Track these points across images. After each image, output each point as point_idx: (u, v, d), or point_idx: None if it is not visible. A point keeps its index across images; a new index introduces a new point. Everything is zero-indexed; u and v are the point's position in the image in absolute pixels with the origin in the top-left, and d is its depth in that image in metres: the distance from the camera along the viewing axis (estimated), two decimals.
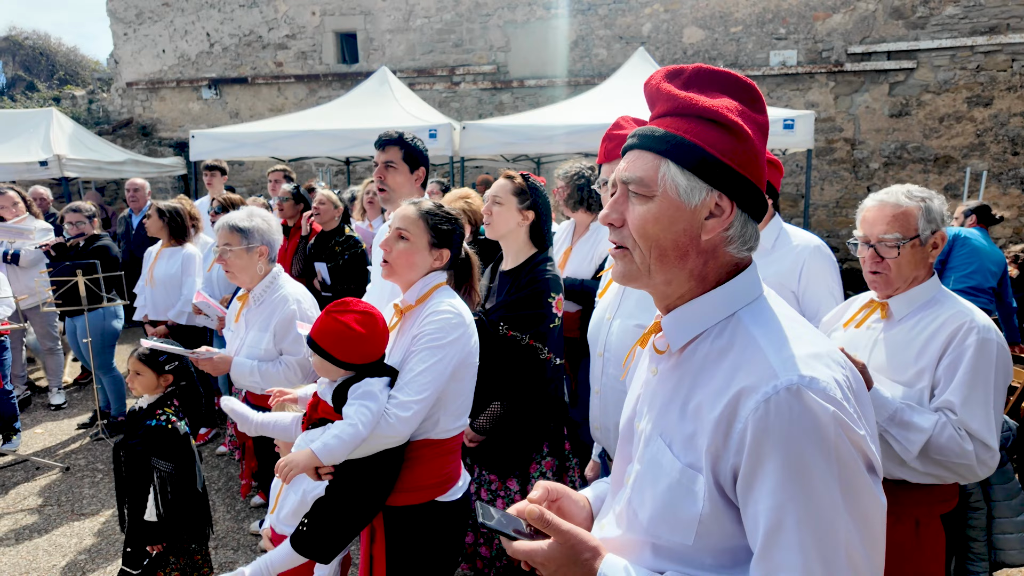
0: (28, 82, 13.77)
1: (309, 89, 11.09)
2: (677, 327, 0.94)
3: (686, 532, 0.86)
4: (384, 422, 1.45)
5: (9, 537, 3.25)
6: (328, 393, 1.50)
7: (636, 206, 0.92)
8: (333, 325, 1.49)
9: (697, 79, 0.95)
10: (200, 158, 6.82)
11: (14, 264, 4.67)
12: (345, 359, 1.50)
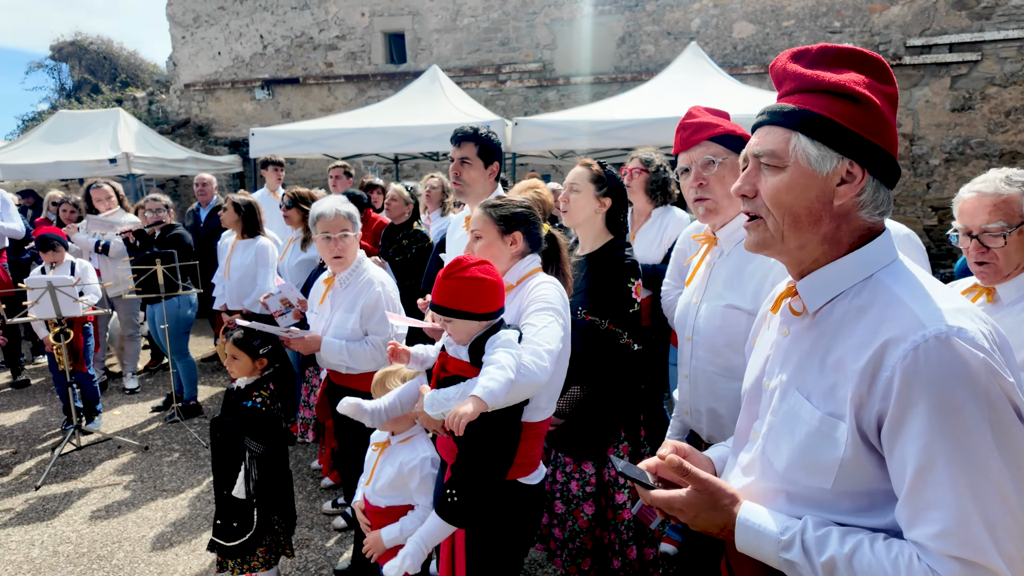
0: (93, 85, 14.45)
1: (358, 89, 11.33)
2: (814, 290, 1.00)
3: (825, 476, 0.91)
4: (525, 368, 1.50)
5: (100, 510, 3.45)
6: (463, 350, 1.57)
7: (768, 177, 1.00)
8: (462, 284, 1.56)
9: (822, 57, 1.02)
10: (259, 155, 7.05)
11: (104, 254, 4.93)
12: (484, 310, 1.57)
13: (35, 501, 3.54)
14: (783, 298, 1.07)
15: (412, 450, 2.06)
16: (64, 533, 3.21)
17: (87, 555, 3.01)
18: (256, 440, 2.45)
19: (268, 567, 2.49)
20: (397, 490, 2.06)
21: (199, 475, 3.84)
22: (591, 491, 2.18)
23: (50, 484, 3.73)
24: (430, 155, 8.87)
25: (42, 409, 5.03)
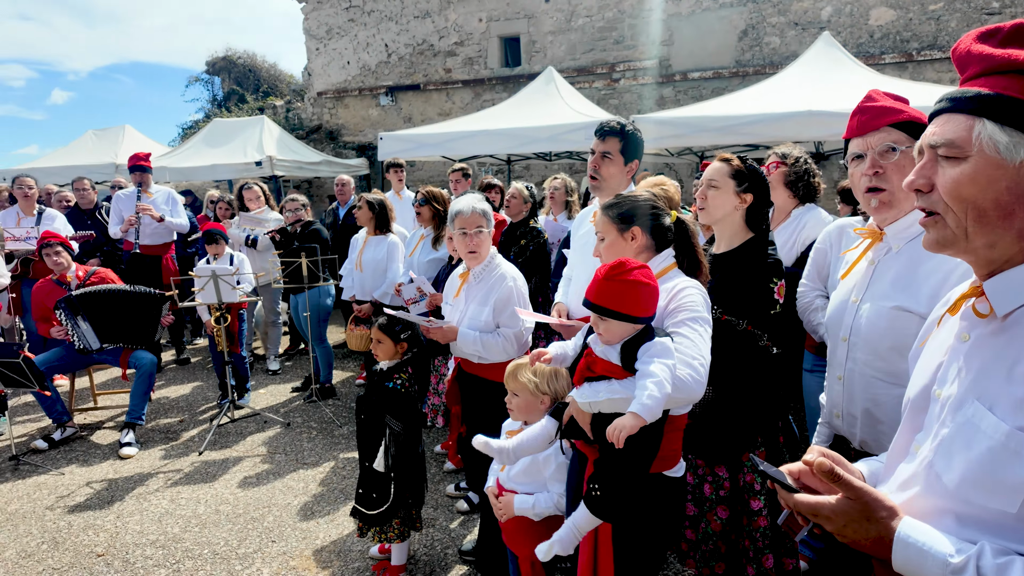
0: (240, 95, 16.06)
1: (474, 93, 11.70)
2: (1005, 291, 0.91)
3: (1008, 498, 0.82)
4: (680, 381, 1.52)
5: (252, 476, 3.84)
6: (613, 352, 1.61)
7: (947, 169, 0.92)
8: (623, 287, 1.59)
9: (1017, 36, 0.93)
10: (386, 157, 7.50)
11: (252, 248, 5.48)
12: (640, 314, 1.60)
13: (199, 465, 4.02)
14: (964, 299, 0.98)
15: None
16: (223, 495, 3.61)
17: (243, 516, 3.37)
18: (396, 418, 2.63)
19: (402, 539, 2.67)
20: (532, 476, 2.13)
21: (335, 451, 4.17)
22: (724, 495, 2.14)
23: (210, 451, 4.21)
24: (543, 155, 8.98)
25: (201, 384, 5.68)
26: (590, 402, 1.61)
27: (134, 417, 4.35)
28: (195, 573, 2.86)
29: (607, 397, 1.58)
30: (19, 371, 3.73)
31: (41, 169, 9.01)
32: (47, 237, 4.39)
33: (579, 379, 1.69)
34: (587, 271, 2.55)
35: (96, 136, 10.33)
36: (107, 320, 4.28)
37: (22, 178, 5.58)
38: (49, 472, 3.93)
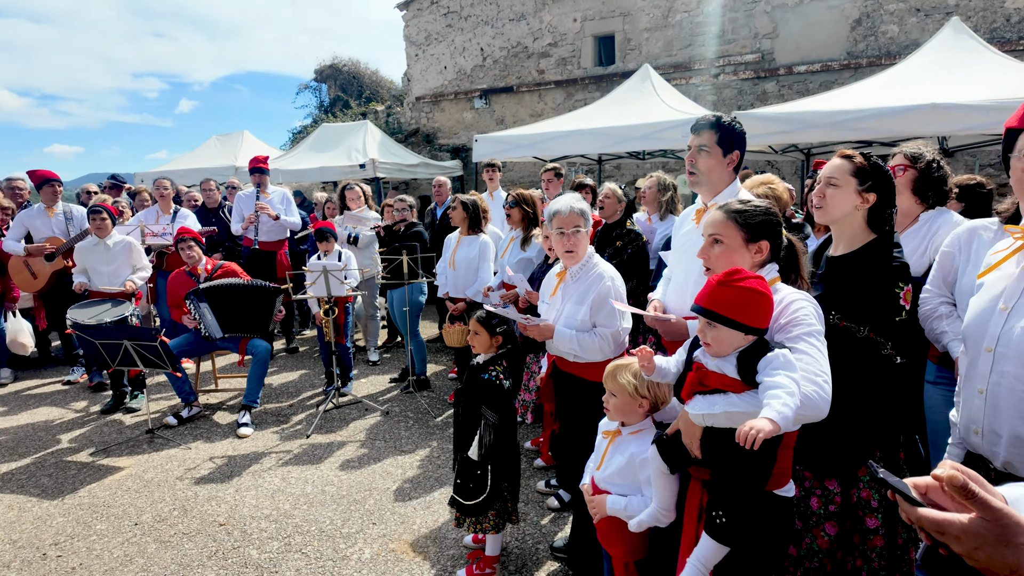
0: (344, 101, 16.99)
1: (567, 93, 11.71)
2: None
3: None
4: (807, 398, 1.49)
5: (354, 460, 4.06)
6: (728, 365, 1.59)
7: None
8: (740, 294, 1.57)
9: None
10: (481, 159, 7.67)
11: (354, 245, 5.80)
12: (755, 324, 1.57)
13: (306, 447, 4.30)
14: None
15: (643, 443, 2.11)
16: (328, 476, 3.85)
17: (346, 498, 3.57)
18: (491, 409, 2.69)
19: (497, 530, 2.73)
20: (627, 479, 2.12)
21: (430, 440, 4.33)
22: (834, 510, 2.03)
23: (317, 434, 4.49)
24: (636, 154, 8.83)
25: (308, 372, 6.07)
26: (704, 415, 1.58)
27: (250, 400, 4.72)
28: (304, 548, 3.07)
29: (724, 410, 1.55)
30: (156, 353, 4.16)
31: (172, 171, 9.97)
32: (182, 233, 4.86)
33: (688, 393, 1.66)
34: (686, 272, 2.50)
35: (219, 141, 11.29)
36: (229, 311, 4.67)
37: (160, 180, 6.21)
38: (178, 446, 4.35)
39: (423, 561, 2.94)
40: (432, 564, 2.91)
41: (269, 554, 3.02)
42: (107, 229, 5.02)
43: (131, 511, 3.46)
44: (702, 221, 2.02)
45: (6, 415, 5.03)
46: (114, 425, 4.75)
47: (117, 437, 4.51)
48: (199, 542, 3.14)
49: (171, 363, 4.22)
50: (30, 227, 5.64)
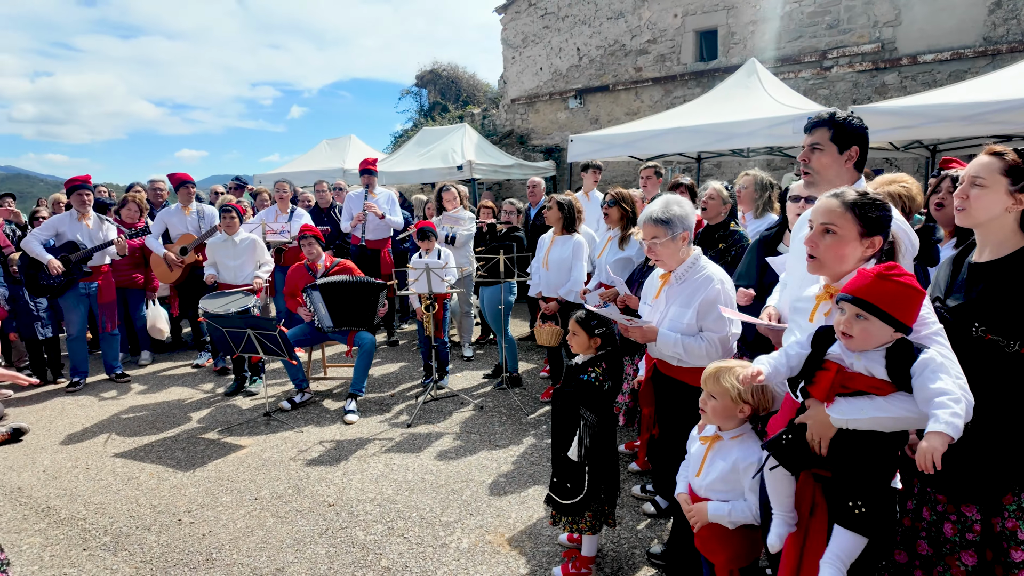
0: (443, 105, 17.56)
1: (665, 90, 11.44)
2: None
3: None
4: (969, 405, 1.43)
5: (451, 451, 4.20)
6: (878, 367, 1.53)
7: None
8: (899, 288, 1.53)
9: None
10: (576, 159, 7.67)
11: (451, 245, 5.98)
12: (907, 321, 1.52)
13: (407, 436, 4.48)
14: None
15: (747, 448, 2.04)
16: (427, 465, 4.00)
17: (444, 487, 3.70)
18: (590, 410, 2.68)
19: (593, 532, 2.73)
20: (730, 484, 2.06)
21: (523, 437, 4.39)
22: (973, 539, 1.86)
23: (416, 425, 4.67)
24: (738, 152, 8.48)
25: (407, 365, 6.32)
26: (848, 419, 1.52)
27: (356, 389, 4.99)
28: (405, 533, 3.21)
29: (872, 415, 1.49)
30: (275, 342, 4.50)
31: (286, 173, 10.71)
32: (305, 231, 5.23)
33: (826, 395, 1.60)
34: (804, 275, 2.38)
35: (328, 145, 12.01)
36: (340, 305, 4.96)
37: (280, 183, 6.70)
38: (291, 429, 4.68)
39: (519, 555, 2.98)
40: (528, 559, 2.95)
41: (374, 536, 3.18)
42: (235, 227, 5.49)
43: (251, 486, 3.77)
44: (812, 208, 1.92)
45: (146, 393, 5.62)
46: (235, 407, 5.19)
47: (238, 418, 4.92)
48: (311, 520, 3.36)
49: (288, 352, 4.55)
50: (168, 225, 6.27)
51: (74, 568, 2.99)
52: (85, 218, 5.58)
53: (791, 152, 8.33)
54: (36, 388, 5.77)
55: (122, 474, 3.98)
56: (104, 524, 3.37)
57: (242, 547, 3.12)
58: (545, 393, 5.20)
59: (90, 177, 5.74)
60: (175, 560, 3.02)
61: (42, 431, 4.75)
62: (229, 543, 3.16)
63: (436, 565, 2.92)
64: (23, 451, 4.40)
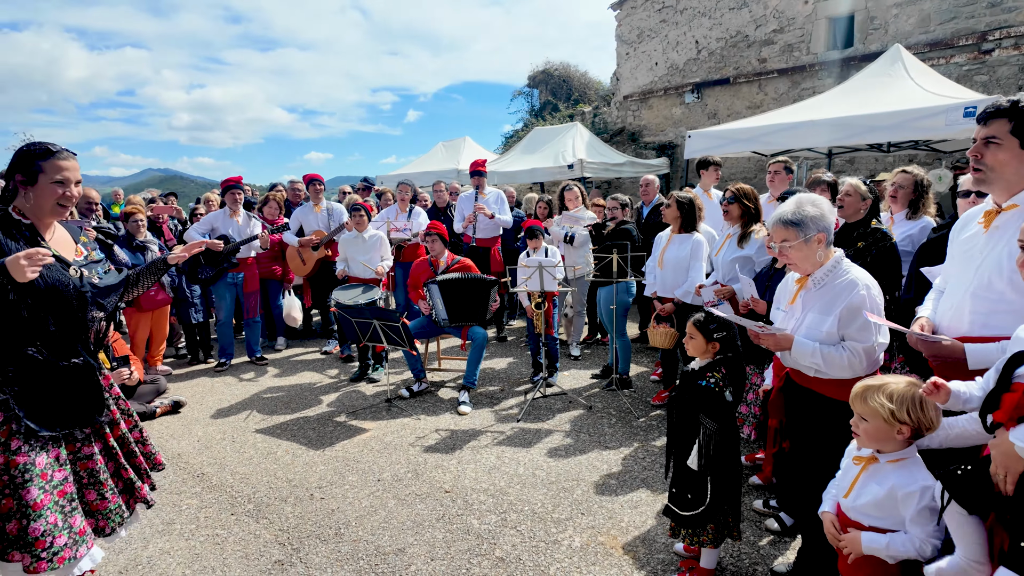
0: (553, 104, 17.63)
1: (791, 82, 10.75)
2: None
3: None
4: None
5: (560, 449, 4.21)
6: None
7: None
8: None
9: None
10: (693, 156, 7.39)
11: (570, 244, 5.99)
12: None
13: (517, 431, 4.56)
14: None
15: (908, 474, 1.85)
16: (537, 461, 4.04)
17: (555, 484, 3.72)
18: (710, 417, 2.58)
19: (715, 545, 2.62)
20: (885, 512, 1.89)
21: (633, 440, 4.31)
22: None
23: (526, 420, 4.74)
24: (877, 146, 7.79)
25: (515, 361, 6.42)
26: None
27: (469, 381, 5.15)
28: (518, 525, 3.26)
29: None
30: (398, 333, 4.74)
31: (404, 174, 11.24)
32: (431, 228, 5.47)
33: (1011, 417, 1.43)
34: (967, 283, 2.14)
35: (444, 146, 12.46)
36: (456, 300, 5.13)
37: (403, 183, 7.05)
38: (409, 416, 4.91)
39: (632, 561, 2.94)
40: (641, 565, 2.90)
41: (488, 526, 3.26)
42: (364, 224, 5.85)
43: (375, 468, 4.00)
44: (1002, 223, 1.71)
45: (281, 376, 6.14)
46: (359, 392, 5.53)
47: (362, 403, 5.24)
48: (429, 504, 3.51)
49: (409, 342, 4.78)
50: (302, 222, 6.80)
51: (224, 530, 3.33)
52: (236, 215, 6.19)
53: (940, 147, 7.53)
54: (190, 366, 6.49)
55: (262, 448, 4.38)
56: (248, 493, 3.72)
57: (367, 525, 3.32)
58: (656, 397, 5.07)
59: (241, 178, 6.36)
60: (308, 532, 3.27)
61: (196, 405, 5.34)
62: (355, 520, 3.37)
63: (549, 560, 2.94)
64: (181, 422, 4.97)
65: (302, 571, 2.91)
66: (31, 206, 2.23)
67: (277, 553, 3.07)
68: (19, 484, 2.10)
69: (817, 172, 5.26)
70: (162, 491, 3.75)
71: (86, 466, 2.34)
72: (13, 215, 2.20)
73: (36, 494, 2.12)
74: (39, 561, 2.09)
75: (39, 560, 2.09)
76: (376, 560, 2.98)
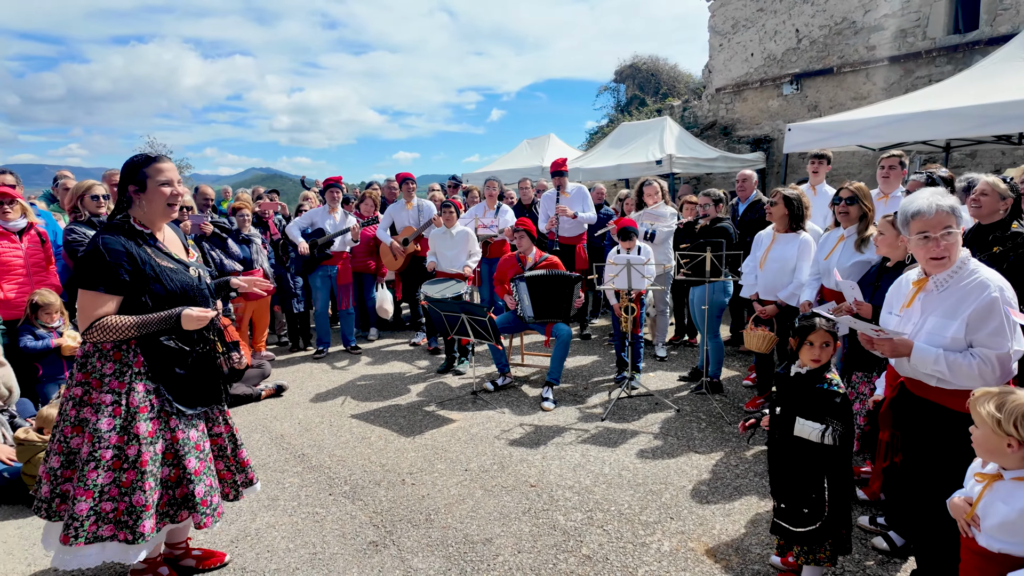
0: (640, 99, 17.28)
1: (904, 70, 9.96)
2: None
3: None
4: None
5: (647, 451, 4.13)
6: None
7: None
8: None
9: None
10: (793, 150, 7.03)
11: (649, 241, 5.87)
12: None
13: (602, 430, 4.52)
14: None
15: None
16: (623, 461, 3.99)
17: (642, 486, 3.65)
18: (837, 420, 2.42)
19: (832, 562, 2.48)
20: (1015, 536, 1.73)
21: (725, 446, 4.16)
22: None
23: (611, 420, 4.69)
24: (1006, 138, 7.08)
25: (599, 359, 6.37)
26: None
27: (553, 377, 5.16)
28: (605, 525, 3.24)
29: None
30: (485, 327, 4.83)
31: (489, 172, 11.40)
32: (519, 224, 5.54)
33: None
34: None
35: (529, 144, 12.52)
36: (541, 297, 5.15)
37: (491, 180, 7.16)
38: (494, 409, 4.99)
39: (724, 569, 2.84)
40: (735, 575, 2.80)
41: (574, 523, 3.26)
42: (453, 220, 6.00)
43: (462, 458, 4.10)
44: None
45: (373, 364, 6.41)
46: (446, 384, 5.68)
47: (449, 394, 5.38)
48: (515, 497, 3.56)
49: (495, 337, 4.85)
50: (395, 218, 7.05)
51: (323, 508, 3.52)
52: (334, 211, 6.52)
53: None
54: (291, 353, 6.91)
55: (357, 433, 4.59)
56: (344, 475, 3.92)
57: (455, 512, 3.41)
58: (750, 403, 4.87)
59: (341, 178, 6.70)
60: (400, 516, 3.40)
61: (296, 389, 5.67)
62: (444, 507, 3.47)
63: (637, 563, 2.90)
64: (283, 405, 5.30)
65: (395, 553, 3.03)
66: (145, 212, 2.48)
67: (371, 534, 3.22)
68: (181, 456, 2.47)
69: (931, 167, 4.85)
70: (267, 469, 4.02)
71: (216, 442, 2.70)
72: (136, 225, 2.46)
73: (194, 463, 2.50)
74: (206, 517, 2.50)
75: (205, 516, 2.50)
76: (465, 548, 3.05)
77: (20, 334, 4.31)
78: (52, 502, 2.41)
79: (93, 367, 2.38)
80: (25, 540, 3.24)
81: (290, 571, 2.90)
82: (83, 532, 2.31)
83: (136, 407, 2.36)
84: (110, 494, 2.36)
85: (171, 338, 2.44)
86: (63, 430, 2.40)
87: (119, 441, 2.35)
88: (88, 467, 2.32)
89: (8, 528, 3.38)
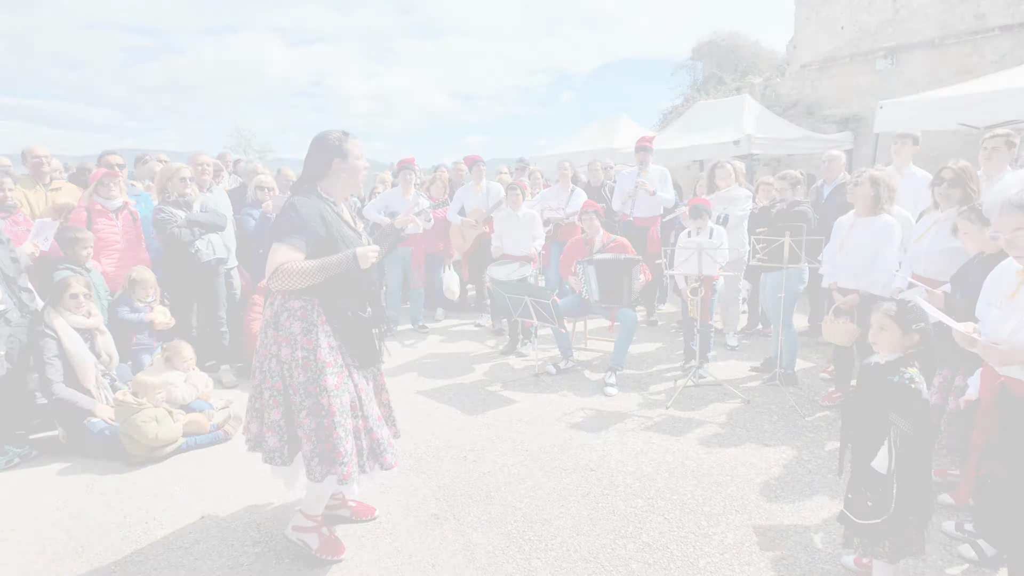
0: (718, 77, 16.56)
1: (1018, 41, 9.03)
2: None
3: None
4: None
5: (713, 440, 4.02)
6: None
7: None
8: None
9: None
10: (886, 129, 6.55)
11: (723, 226, 5.64)
12: None
13: (666, 417, 4.43)
14: None
15: None
16: (687, 451, 3.89)
17: (706, 477, 3.56)
18: (904, 417, 2.28)
19: (892, 560, 2.35)
20: None
21: (797, 441, 3.99)
22: None
23: (676, 408, 4.58)
24: None
25: (664, 346, 6.23)
26: None
27: (616, 363, 5.09)
28: (666, 514, 3.18)
29: None
30: (548, 310, 4.82)
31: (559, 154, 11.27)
32: (587, 206, 5.48)
33: None
34: None
35: (599, 124, 12.29)
36: (607, 280, 5.08)
37: (563, 162, 7.10)
38: (556, 392, 4.99)
39: (791, 567, 2.73)
40: (802, 573, 2.69)
41: (634, 509, 3.22)
42: (518, 203, 5.99)
43: (522, 439, 4.13)
44: None
45: (439, 343, 6.54)
46: (508, 365, 5.72)
47: (511, 375, 5.42)
48: (574, 480, 3.55)
49: (558, 320, 4.83)
50: (464, 200, 7.12)
51: (387, 480, 3.63)
52: (408, 193, 6.66)
53: None
54: None
55: (423, 408, 4.72)
56: (410, 448, 4.03)
57: (515, 491, 3.44)
58: (826, 397, 4.63)
59: (414, 159, 6.83)
60: (462, 491, 3.47)
61: None
62: (504, 485, 3.51)
63: (699, 554, 2.84)
64: None
65: (455, 527, 3.11)
66: (334, 183, 2.69)
67: (433, 507, 3.31)
68: (365, 404, 2.72)
69: None
70: None
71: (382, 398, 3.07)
72: (323, 195, 2.67)
73: (375, 411, 2.79)
74: (393, 459, 2.78)
75: (392, 461, 2.77)
76: (523, 527, 3.08)
77: (117, 306, 4.68)
78: (283, 449, 2.65)
79: (282, 326, 2.61)
80: (120, 494, 3.54)
81: (356, 538, 3.03)
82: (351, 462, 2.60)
83: (323, 362, 2.57)
84: (352, 431, 2.64)
85: (347, 304, 2.65)
86: (274, 385, 2.62)
87: (314, 391, 2.58)
88: (325, 417, 2.57)
89: (109, 480, 3.70)
